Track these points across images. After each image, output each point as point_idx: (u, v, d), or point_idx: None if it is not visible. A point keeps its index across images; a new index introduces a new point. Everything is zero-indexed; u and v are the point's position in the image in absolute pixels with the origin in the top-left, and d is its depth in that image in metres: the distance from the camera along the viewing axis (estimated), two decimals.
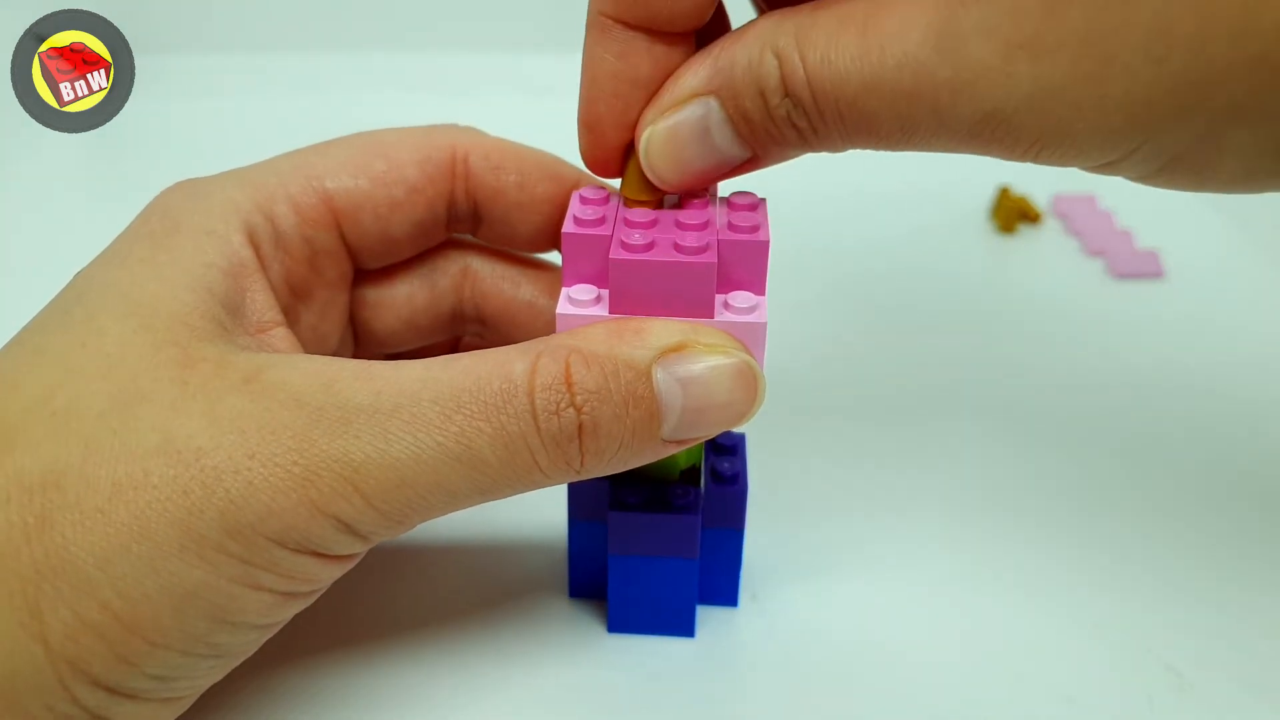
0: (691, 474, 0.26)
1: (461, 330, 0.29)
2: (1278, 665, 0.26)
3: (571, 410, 0.20)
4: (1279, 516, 0.31)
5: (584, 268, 0.23)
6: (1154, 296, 0.42)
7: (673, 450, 0.22)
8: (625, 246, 0.22)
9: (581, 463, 0.21)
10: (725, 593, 0.27)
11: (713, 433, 0.22)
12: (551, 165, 0.27)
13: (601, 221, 0.23)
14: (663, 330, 0.21)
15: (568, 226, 0.23)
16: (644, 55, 0.22)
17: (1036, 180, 0.50)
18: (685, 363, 0.21)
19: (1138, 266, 0.43)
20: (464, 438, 0.20)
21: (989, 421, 0.35)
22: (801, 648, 0.26)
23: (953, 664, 0.26)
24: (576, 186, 0.26)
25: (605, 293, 0.23)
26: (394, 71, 0.60)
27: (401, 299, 0.28)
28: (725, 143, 0.22)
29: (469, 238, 0.28)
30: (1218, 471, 0.33)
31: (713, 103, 0.21)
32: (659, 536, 0.25)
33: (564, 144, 0.30)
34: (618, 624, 0.27)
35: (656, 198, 0.23)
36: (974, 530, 0.30)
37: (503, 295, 0.28)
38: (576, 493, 0.26)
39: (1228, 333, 0.40)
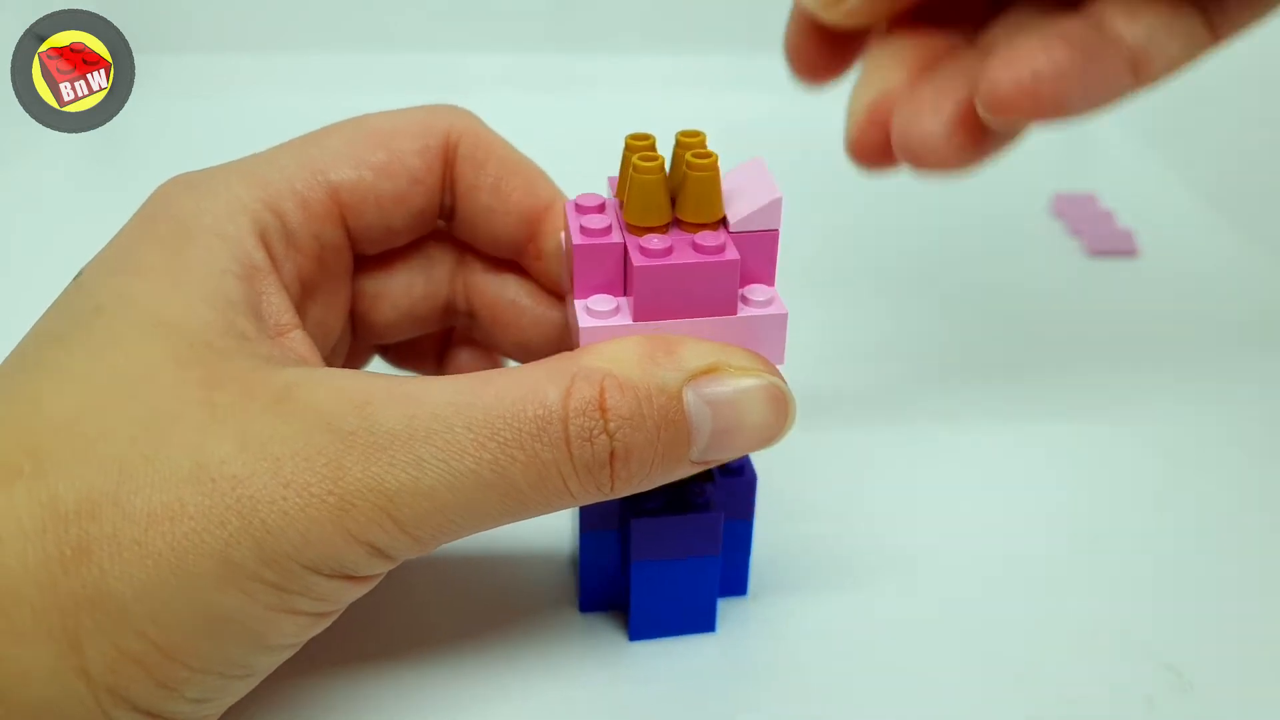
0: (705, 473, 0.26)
1: (453, 321, 0.29)
2: (1278, 665, 0.26)
3: (605, 437, 0.20)
4: (1279, 516, 0.31)
5: (596, 278, 0.22)
6: (1129, 273, 0.42)
7: (698, 470, 0.22)
8: (645, 252, 0.21)
9: (612, 487, 0.21)
10: (736, 583, 0.27)
11: (741, 454, 0.22)
12: (531, 178, 0.26)
13: (609, 230, 0.22)
14: (695, 351, 0.21)
15: (577, 239, 0.22)
16: None
17: (1035, 180, 0.50)
18: (715, 385, 0.21)
19: (1114, 244, 0.44)
20: (498, 465, 0.20)
21: (988, 418, 0.35)
22: (811, 632, 0.27)
23: (952, 663, 0.26)
24: (550, 205, 0.26)
25: (623, 301, 0.22)
26: (394, 71, 0.60)
27: (400, 290, 0.27)
28: None
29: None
30: (1218, 471, 0.33)
31: None
32: (682, 537, 0.25)
33: (564, 143, 0.30)
34: (640, 631, 0.26)
35: (663, 223, 0.22)
36: (974, 528, 0.30)
37: (490, 291, 0.28)
38: (588, 508, 0.25)
39: (1205, 308, 0.40)
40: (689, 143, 0.22)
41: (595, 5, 0.62)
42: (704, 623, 0.26)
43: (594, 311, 0.22)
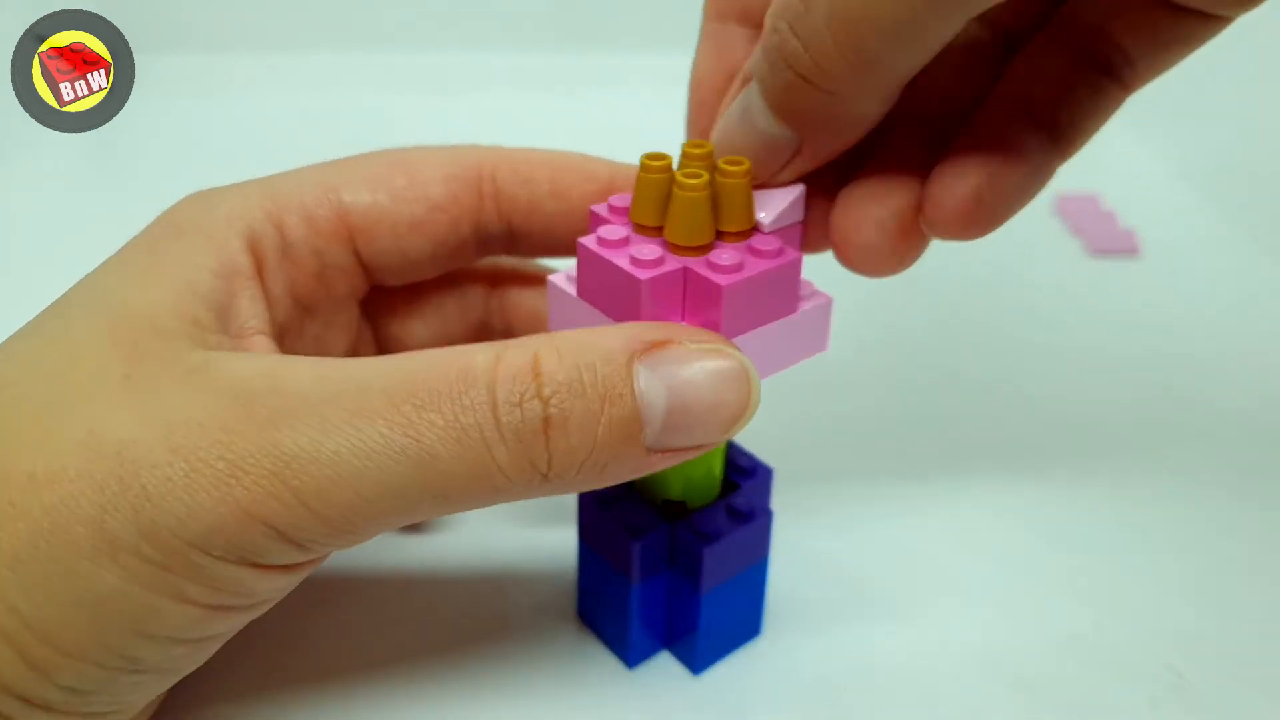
0: (724, 485, 0.25)
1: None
2: (1278, 665, 0.26)
3: (537, 402, 0.18)
4: (1279, 515, 0.31)
5: (658, 310, 0.21)
6: (1129, 273, 0.42)
7: (659, 463, 0.20)
8: (720, 269, 0.20)
9: (550, 464, 0.19)
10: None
11: (700, 441, 0.20)
12: (582, 166, 0.26)
13: (662, 260, 0.21)
14: (644, 326, 0.20)
15: (640, 274, 0.20)
16: (741, 48, 0.24)
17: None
18: (672, 361, 0.19)
19: (1115, 244, 0.44)
20: (412, 429, 0.18)
21: (989, 418, 0.35)
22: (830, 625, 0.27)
23: (951, 662, 0.26)
24: (611, 184, 0.25)
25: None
26: (396, 71, 0.60)
27: (430, 309, 0.27)
28: (765, 123, 0.21)
29: (504, 259, 0.27)
30: (1219, 471, 0.33)
31: (754, 83, 0.21)
32: (741, 551, 0.24)
33: (564, 143, 0.30)
34: (704, 661, 0.25)
35: (710, 239, 0.21)
36: (975, 529, 0.30)
37: (529, 306, 0.27)
38: (644, 556, 0.24)
39: (1205, 308, 0.40)
40: (700, 154, 0.22)
41: (595, 5, 0.62)
42: (753, 629, 0.26)
43: None
